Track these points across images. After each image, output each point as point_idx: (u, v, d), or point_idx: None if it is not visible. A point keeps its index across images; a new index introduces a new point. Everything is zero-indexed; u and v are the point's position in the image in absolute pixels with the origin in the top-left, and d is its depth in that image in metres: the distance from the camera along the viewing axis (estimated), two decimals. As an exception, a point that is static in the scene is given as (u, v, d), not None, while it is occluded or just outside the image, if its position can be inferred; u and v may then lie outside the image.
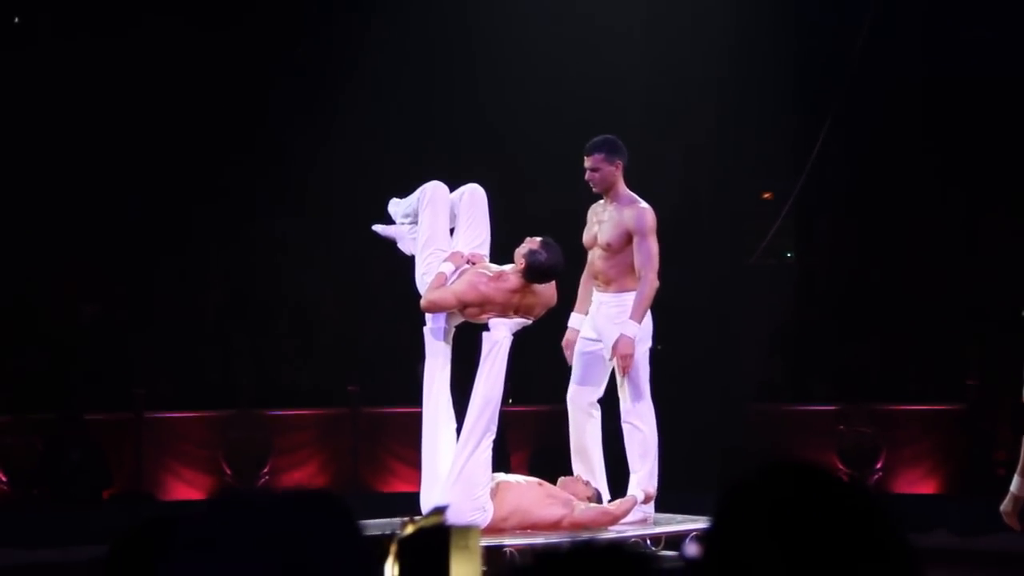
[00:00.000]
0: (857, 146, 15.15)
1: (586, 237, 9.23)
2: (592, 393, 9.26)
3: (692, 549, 8.36)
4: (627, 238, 9.06)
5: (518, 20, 14.84)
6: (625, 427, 9.17)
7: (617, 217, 9.11)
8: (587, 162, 9.15)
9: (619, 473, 9.34)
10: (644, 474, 9.11)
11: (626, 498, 8.99)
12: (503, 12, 14.93)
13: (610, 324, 9.09)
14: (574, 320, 9.31)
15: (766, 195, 15.98)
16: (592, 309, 9.22)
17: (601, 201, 9.28)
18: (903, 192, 15.17)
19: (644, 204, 9.16)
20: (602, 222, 9.18)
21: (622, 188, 9.18)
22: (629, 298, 9.04)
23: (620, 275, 9.10)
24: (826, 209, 15.88)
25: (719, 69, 14.67)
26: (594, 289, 9.22)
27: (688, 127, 14.89)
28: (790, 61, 14.98)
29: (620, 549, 1.92)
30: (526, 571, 1.90)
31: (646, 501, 9.08)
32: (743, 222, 15.52)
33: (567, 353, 9.29)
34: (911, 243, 15.22)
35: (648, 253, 9.00)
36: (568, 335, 9.32)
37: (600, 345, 9.17)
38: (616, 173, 9.15)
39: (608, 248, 9.09)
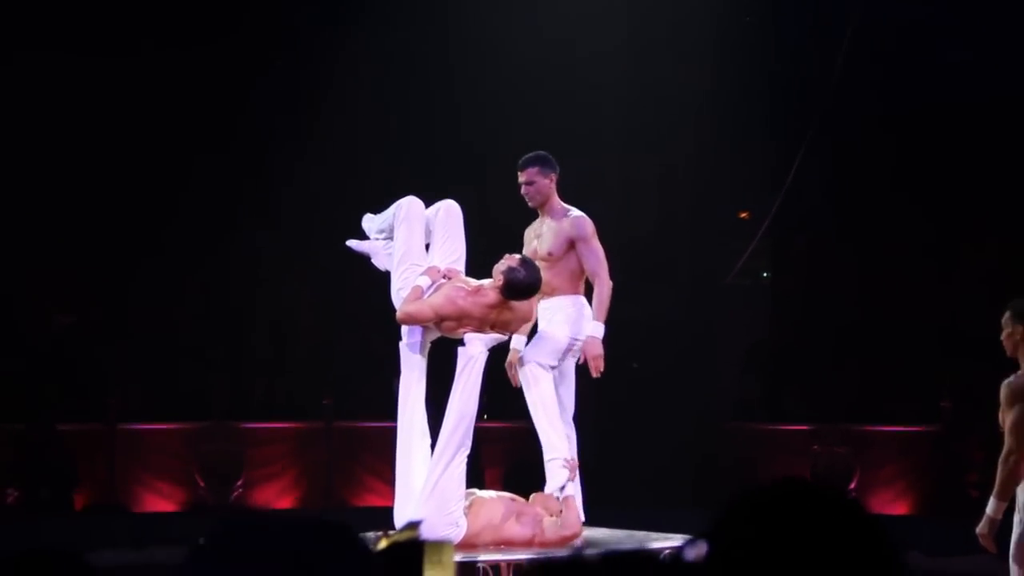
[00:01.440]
0: (834, 167, 15.19)
1: (526, 253, 9.27)
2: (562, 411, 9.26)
3: (692, 553, 8.34)
4: (568, 245, 9.16)
5: (498, 40, 14.87)
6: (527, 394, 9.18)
7: (556, 227, 9.20)
8: (521, 176, 9.28)
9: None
10: (547, 433, 9.07)
11: (562, 503, 8.95)
12: (483, 31, 14.95)
13: (548, 324, 9.14)
14: (516, 341, 9.34)
15: (743, 214, 16.01)
16: (540, 324, 9.26)
17: (536, 220, 9.37)
18: (879, 214, 15.22)
19: (579, 212, 9.24)
20: (540, 235, 9.27)
21: (556, 201, 9.30)
22: (572, 300, 9.13)
23: (563, 283, 9.19)
24: (803, 229, 15.91)
25: (698, 90, 14.72)
26: (538, 302, 9.26)
27: (666, 147, 14.93)
28: (768, 82, 15.04)
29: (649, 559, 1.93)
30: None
31: (571, 470, 9.04)
32: (720, 241, 15.55)
33: (511, 374, 9.31)
34: (887, 264, 15.26)
35: (596, 256, 9.12)
36: (511, 356, 9.34)
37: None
38: (550, 186, 9.27)
39: (550, 257, 9.16)
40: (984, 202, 14.56)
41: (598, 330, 9.03)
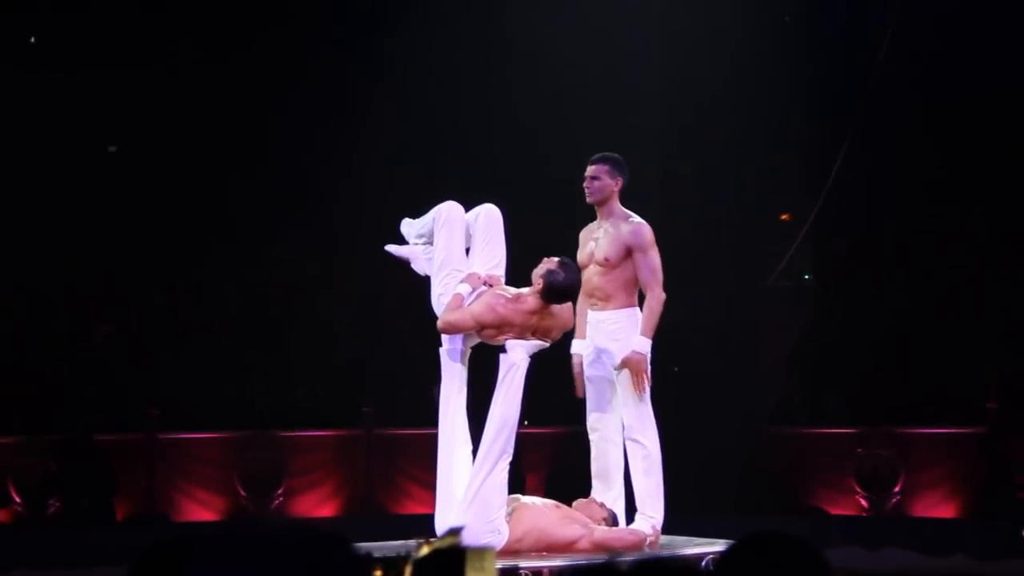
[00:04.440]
0: (876, 167, 15.09)
1: (580, 256, 9.19)
2: (613, 419, 9.20)
3: None
4: (625, 252, 9.04)
5: (534, 38, 14.84)
6: (629, 444, 9.12)
7: (614, 232, 9.10)
8: (589, 170, 9.18)
9: (631, 494, 9.27)
10: (649, 490, 9.03)
11: (641, 527, 8.93)
12: (518, 34, 14.92)
13: (611, 341, 9.06)
14: (576, 346, 9.28)
15: (784, 216, 15.93)
16: (589, 331, 9.18)
17: (593, 222, 9.27)
18: (923, 213, 15.11)
19: (640, 219, 9.14)
20: (597, 239, 9.16)
21: (617, 205, 9.19)
22: (627, 314, 9.04)
23: (618, 291, 9.08)
24: (845, 230, 15.81)
25: (736, 89, 14.65)
26: (589, 309, 9.18)
27: (705, 148, 14.86)
28: (808, 81, 14.95)
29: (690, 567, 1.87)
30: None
31: (655, 538, 9.00)
32: (761, 244, 15.46)
33: (577, 384, 9.25)
34: (931, 265, 15.14)
35: (652, 266, 9.00)
36: (574, 362, 9.28)
37: (604, 369, 9.13)
38: (614, 189, 9.16)
39: (606, 263, 9.07)
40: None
41: (644, 346, 8.95)
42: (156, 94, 15.07)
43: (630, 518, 9.13)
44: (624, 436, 9.12)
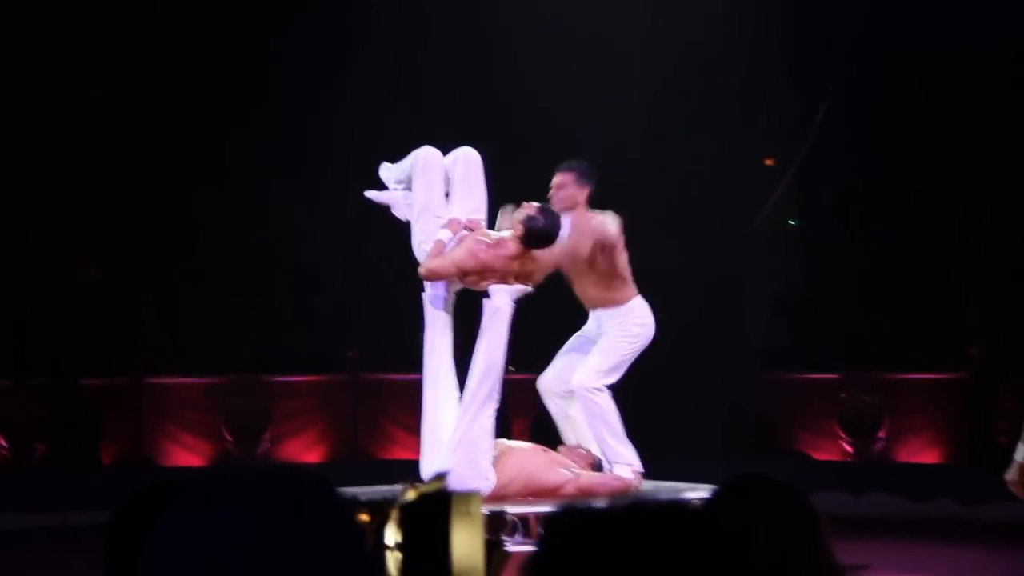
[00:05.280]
0: (860, 112, 15.07)
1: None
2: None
3: None
4: (595, 248, 8.99)
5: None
6: (585, 397, 9.12)
7: (579, 227, 9.02)
8: (556, 178, 9.07)
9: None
10: (617, 438, 9.06)
11: (623, 474, 8.96)
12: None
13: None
14: None
15: (768, 161, 15.91)
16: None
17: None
18: (906, 159, 15.10)
19: (605, 218, 9.07)
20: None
21: (582, 210, 9.08)
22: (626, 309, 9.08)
23: (600, 292, 9.13)
24: (829, 176, 15.79)
25: (721, 36, 14.60)
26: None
27: (690, 94, 14.82)
28: (793, 26, 14.90)
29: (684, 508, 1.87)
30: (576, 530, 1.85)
31: (637, 482, 9.05)
32: (745, 188, 15.44)
33: None
34: (914, 211, 15.15)
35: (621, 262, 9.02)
36: None
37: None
38: (580, 199, 9.05)
39: (582, 263, 9.06)
40: (1014, 145, 14.41)
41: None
42: (138, 43, 14.97)
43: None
44: (578, 389, 9.13)
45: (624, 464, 9.02)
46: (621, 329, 9.06)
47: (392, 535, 2.33)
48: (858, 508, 12.74)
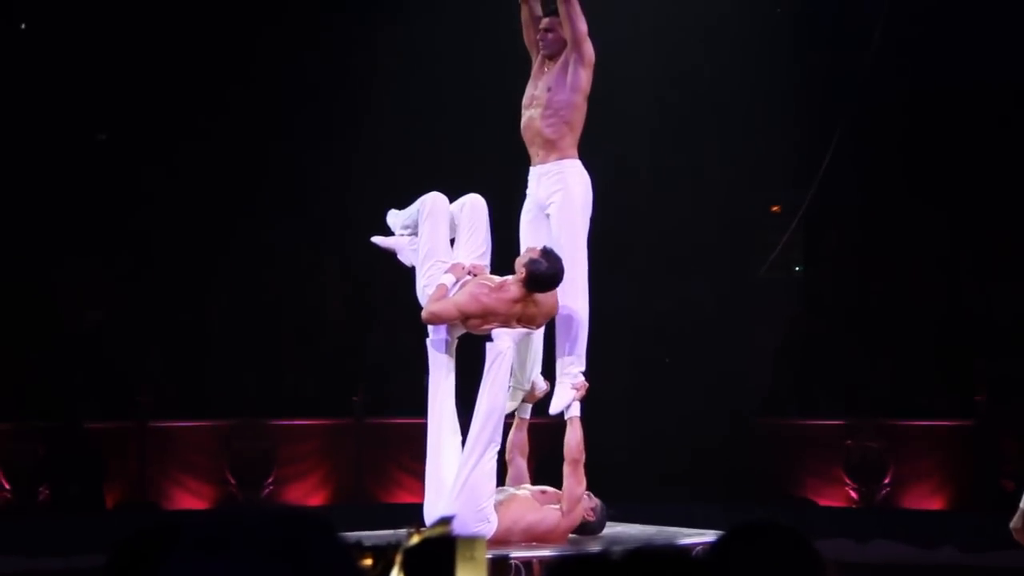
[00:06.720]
0: (866, 159, 15.08)
1: (525, 100, 9.37)
2: None
3: None
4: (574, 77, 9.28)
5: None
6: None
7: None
8: (544, 23, 9.38)
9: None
10: (576, 349, 8.99)
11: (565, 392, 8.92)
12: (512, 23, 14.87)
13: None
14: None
15: (774, 208, 15.92)
16: (540, 193, 9.15)
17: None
18: (913, 206, 15.11)
19: None
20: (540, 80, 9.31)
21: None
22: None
23: (562, 139, 9.18)
24: (835, 222, 15.80)
25: (728, 81, 14.64)
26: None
27: (697, 139, 14.85)
28: (799, 73, 14.94)
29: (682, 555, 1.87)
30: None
31: (581, 390, 8.98)
32: (752, 235, 15.45)
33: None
34: (921, 257, 15.15)
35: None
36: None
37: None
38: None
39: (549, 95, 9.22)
40: (1022, 192, 14.42)
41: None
42: (146, 82, 15.02)
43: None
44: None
45: (571, 375, 8.96)
46: None
47: (396, 579, 2.33)
48: (863, 555, 12.70)
